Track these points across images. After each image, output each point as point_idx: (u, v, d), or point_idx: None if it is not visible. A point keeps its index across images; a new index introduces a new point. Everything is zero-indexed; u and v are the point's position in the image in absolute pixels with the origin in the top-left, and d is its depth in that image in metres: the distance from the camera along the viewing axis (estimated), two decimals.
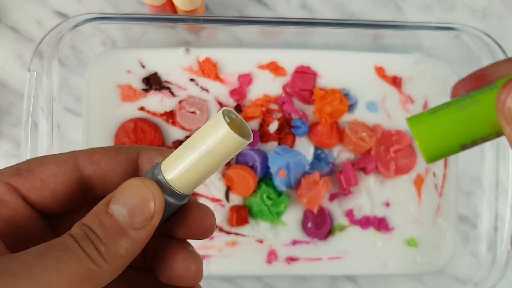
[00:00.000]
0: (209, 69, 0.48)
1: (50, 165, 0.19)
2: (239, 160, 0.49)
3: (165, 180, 0.18)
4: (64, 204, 0.20)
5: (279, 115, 0.49)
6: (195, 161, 0.18)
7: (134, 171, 0.20)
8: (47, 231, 0.20)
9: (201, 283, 0.21)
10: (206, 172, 0.18)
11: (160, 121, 0.48)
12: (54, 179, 0.19)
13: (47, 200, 0.19)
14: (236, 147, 0.18)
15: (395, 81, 0.50)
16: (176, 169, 0.18)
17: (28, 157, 0.42)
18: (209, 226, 0.20)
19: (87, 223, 0.17)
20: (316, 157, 0.49)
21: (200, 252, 0.24)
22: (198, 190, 0.49)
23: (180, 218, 0.20)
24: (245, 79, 0.49)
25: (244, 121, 0.18)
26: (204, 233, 0.20)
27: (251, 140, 0.18)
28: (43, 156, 0.20)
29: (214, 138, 0.17)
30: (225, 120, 0.17)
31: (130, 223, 0.17)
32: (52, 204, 0.19)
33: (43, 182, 0.19)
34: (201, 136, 0.18)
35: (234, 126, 0.17)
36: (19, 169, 0.19)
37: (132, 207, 0.17)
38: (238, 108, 0.49)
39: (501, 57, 0.44)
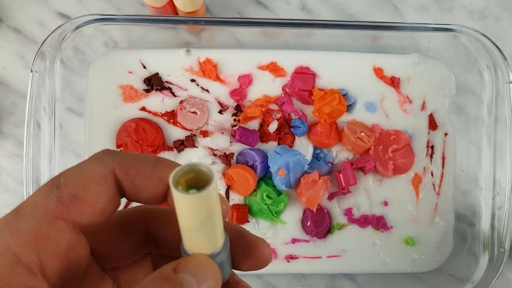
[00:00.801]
0: (209, 69, 0.49)
1: (92, 185, 0.17)
2: (239, 159, 0.49)
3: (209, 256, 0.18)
4: (110, 215, 0.19)
5: (279, 115, 0.50)
6: (200, 233, 0.18)
7: (165, 184, 0.19)
8: (89, 252, 0.19)
9: None
10: (213, 226, 0.18)
11: (161, 121, 0.49)
12: (101, 199, 0.18)
13: (98, 220, 0.18)
14: (207, 198, 0.17)
15: (394, 82, 0.50)
16: (199, 247, 0.18)
17: (31, 158, 0.42)
18: (267, 255, 0.21)
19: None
20: (316, 156, 0.50)
21: None
22: None
23: (242, 253, 0.20)
24: (245, 80, 0.49)
25: (196, 165, 0.17)
26: (264, 262, 0.21)
27: (213, 180, 0.16)
28: (75, 169, 0.18)
29: (186, 208, 0.17)
30: (177, 188, 0.16)
31: None
32: (100, 221, 0.18)
33: (92, 206, 0.17)
34: (182, 214, 0.17)
35: (192, 178, 0.17)
36: (61, 197, 0.17)
37: (200, 279, 0.17)
38: (238, 108, 0.49)
39: (499, 57, 0.45)
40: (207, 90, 0.49)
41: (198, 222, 0.17)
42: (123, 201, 0.20)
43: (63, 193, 0.17)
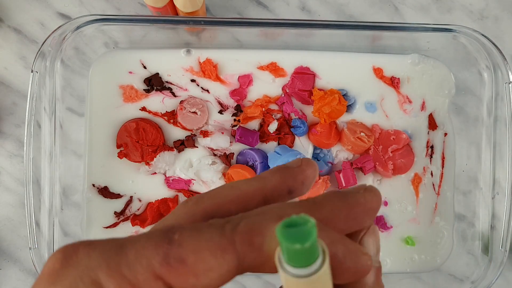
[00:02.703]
0: (209, 70, 0.49)
1: (205, 253, 0.15)
2: (239, 159, 0.49)
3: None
4: None
5: (279, 115, 0.50)
6: None
7: None
8: None
9: None
10: None
11: (161, 121, 0.49)
12: (210, 274, 0.15)
13: None
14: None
15: (393, 82, 0.50)
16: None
17: (31, 157, 0.42)
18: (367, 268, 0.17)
19: None
20: (315, 156, 0.50)
21: None
22: (198, 189, 0.50)
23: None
24: (245, 80, 0.49)
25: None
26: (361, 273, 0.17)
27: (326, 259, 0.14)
28: (193, 230, 0.15)
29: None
30: (283, 268, 0.14)
31: None
32: None
33: (197, 277, 0.15)
34: None
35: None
36: (169, 257, 0.15)
37: None
38: (238, 108, 0.49)
39: (498, 57, 0.45)
40: (207, 90, 0.49)
41: None
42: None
43: (173, 253, 0.15)
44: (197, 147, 0.49)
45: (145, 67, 0.49)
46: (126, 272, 0.15)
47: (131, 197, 0.49)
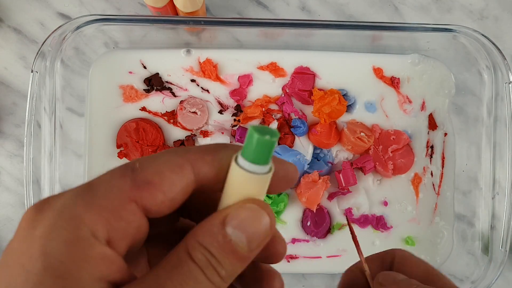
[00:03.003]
0: (209, 70, 0.49)
1: (167, 173, 0.17)
2: None
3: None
4: (176, 207, 0.18)
5: (279, 115, 0.50)
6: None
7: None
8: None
9: None
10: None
11: (161, 121, 0.49)
12: (174, 188, 0.17)
13: (165, 210, 0.18)
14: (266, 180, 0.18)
15: (393, 82, 0.50)
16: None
17: (31, 157, 0.42)
18: (283, 251, 0.21)
19: (207, 246, 0.17)
20: (315, 156, 0.50)
21: None
22: None
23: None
24: (245, 80, 0.49)
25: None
26: (279, 257, 0.21)
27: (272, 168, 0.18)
28: (151, 157, 0.18)
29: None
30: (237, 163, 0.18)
31: (248, 248, 0.17)
32: (167, 212, 0.18)
33: (164, 194, 0.17)
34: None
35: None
36: (136, 181, 0.17)
37: (251, 234, 0.17)
38: (238, 108, 0.49)
39: (498, 57, 0.45)
40: (207, 90, 0.49)
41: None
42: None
43: (138, 177, 0.17)
44: None
45: (145, 67, 0.49)
46: (102, 202, 0.16)
47: None
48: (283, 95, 0.50)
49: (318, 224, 0.49)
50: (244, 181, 0.18)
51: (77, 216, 0.16)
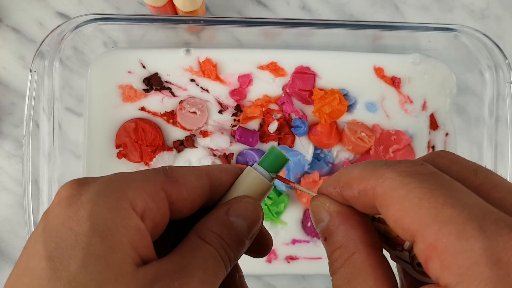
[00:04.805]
0: (209, 69, 0.48)
1: (191, 177, 0.21)
2: (239, 160, 0.49)
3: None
4: (194, 210, 0.21)
5: (279, 115, 0.50)
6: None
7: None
8: None
9: None
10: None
11: (160, 121, 0.49)
12: (196, 191, 0.21)
13: (186, 209, 0.20)
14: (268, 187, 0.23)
15: (394, 82, 0.50)
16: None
17: (30, 158, 0.42)
18: (269, 244, 0.25)
19: (218, 232, 0.20)
20: (316, 157, 0.50)
21: None
22: None
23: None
24: (245, 80, 0.49)
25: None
26: (266, 250, 0.24)
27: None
28: (176, 166, 0.21)
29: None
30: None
31: (248, 234, 0.21)
32: (187, 212, 0.21)
33: (188, 192, 0.20)
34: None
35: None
36: (167, 177, 0.20)
37: (251, 222, 0.21)
38: (238, 108, 0.49)
39: (500, 57, 0.45)
40: (207, 90, 0.49)
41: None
42: None
43: (169, 175, 0.20)
44: (197, 147, 0.49)
45: (144, 67, 0.49)
46: (141, 184, 0.19)
47: None
48: (283, 95, 0.49)
49: None
50: (253, 182, 0.22)
51: (120, 189, 0.18)
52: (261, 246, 0.24)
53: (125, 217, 0.18)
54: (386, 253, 0.19)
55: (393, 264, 0.19)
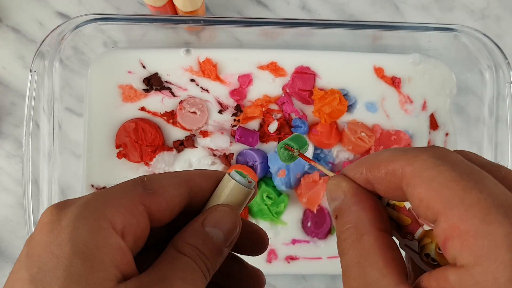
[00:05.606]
0: (209, 69, 0.48)
1: (169, 187, 0.21)
2: (239, 160, 0.49)
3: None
4: (173, 217, 0.22)
5: (279, 115, 0.50)
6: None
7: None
8: None
9: None
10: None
11: (160, 121, 0.49)
12: (174, 199, 0.21)
13: (165, 218, 0.21)
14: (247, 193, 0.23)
15: (394, 82, 0.50)
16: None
17: (30, 158, 0.42)
18: (265, 242, 0.25)
19: (194, 244, 0.20)
20: (316, 156, 0.50)
21: None
22: None
23: (245, 238, 0.24)
24: (245, 80, 0.49)
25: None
26: (263, 248, 0.25)
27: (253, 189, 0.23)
28: (155, 175, 0.22)
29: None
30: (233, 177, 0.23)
31: (225, 243, 0.21)
32: (165, 221, 0.21)
33: (167, 202, 0.21)
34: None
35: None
36: (145, 189, 0.20)
37: (227, 231, 0.21)
38: (238, 108, 0.49)
39: (500, 57, 0.45)
40: (207, 90, 0.49)
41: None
42: None
43: (147, 187, 0.20)
44: (197, 147, 0.49)
45: (144, 67, 0.49)
46: (119, 200, 0.19)
47: None
48: (283, 95, 0.49)
49: (318, 224, 0.49)
50: (231, 190, 0.22)
51: (98, 209, 0.19)
52: (256, 245, 0.25)
53: (105, 236, 0.18)
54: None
55: None
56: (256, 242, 0.25)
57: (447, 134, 0.51)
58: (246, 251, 0.25)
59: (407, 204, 0.20)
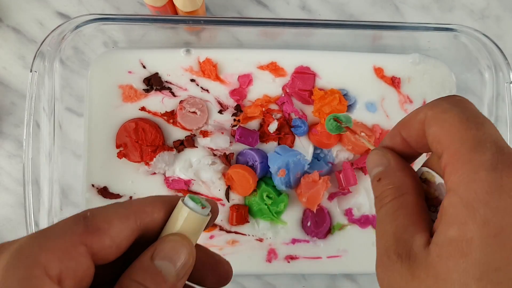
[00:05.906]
0: (209, 69, 0.48)
1: (115, 221, 0.20)
2: (239, 159, 0.49)
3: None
4: (120, 254, 0.20)
5: (279, 115, 0.50)
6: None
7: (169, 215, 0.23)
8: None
9: None
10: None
11: (161, 121, 0.49)
12: (120, 234, 0.20)
13: (111, 255, 0.20)
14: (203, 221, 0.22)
15: (394, 82, 0.50)
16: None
17: (30, 158, 0.42)
18: (229, 273, 0.24)
19: (141, 281, 0.19)
20: (316, 156, 0.50)
21: None
22: (198, 189, 0.49)
23: (208, 268, 0.23)
24: (245, 80, 0.49)
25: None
26: (226, 279, 0.24)
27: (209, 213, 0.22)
28: (100, 208, 0.20)
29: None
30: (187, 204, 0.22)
31: (176, 276, 0.20)
32: (112, 258, 0.20)
33: (112, 239, 0.19)
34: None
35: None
36: (87, 226, 0.19)
37: (179, 263, 0.20)
38: (238, 108, 0.49)
39: (499, 57, 0.45)
40: (207, 90, 0.49)
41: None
42: None
43: (89, 223, 0.19)
44: (197, 147, 0.49)
45: (144, 67, 0.49)
46: (56, 243, 0.18)
47: (131, 197, 0.49)
48: (283, 95, 0.49)
49: (318, 224, 0.49)
50: (185, 218, 0.21)
51: (31, 256, 0.18)
52: (219, 277, 0.23)
53: (36, 285, 0.17)
54: None
55: None
56: (218, 273, 0.23)
57: None
58: (206, 283, 0.23)
59: (437, 180, 0.23)
